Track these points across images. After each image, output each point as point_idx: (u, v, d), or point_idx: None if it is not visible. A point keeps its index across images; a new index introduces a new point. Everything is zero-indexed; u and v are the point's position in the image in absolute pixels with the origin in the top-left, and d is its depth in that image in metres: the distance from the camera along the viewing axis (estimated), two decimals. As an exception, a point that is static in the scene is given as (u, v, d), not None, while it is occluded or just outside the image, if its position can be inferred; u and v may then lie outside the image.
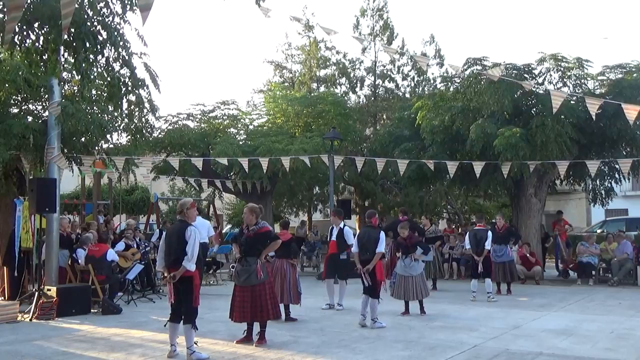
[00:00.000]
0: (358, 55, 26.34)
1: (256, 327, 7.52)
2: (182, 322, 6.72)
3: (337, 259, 10.37)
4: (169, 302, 6.81)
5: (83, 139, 11.81)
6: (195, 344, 6.71)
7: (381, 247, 8.65)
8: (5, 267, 11.13)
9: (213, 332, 8.19)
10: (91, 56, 7.61)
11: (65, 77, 11.31)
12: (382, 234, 8.80)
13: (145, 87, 9.58)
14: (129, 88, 8.98)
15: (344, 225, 10.64)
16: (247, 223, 7.52)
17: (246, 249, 7.45)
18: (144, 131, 12.09)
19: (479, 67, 15.12)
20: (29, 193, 10.39)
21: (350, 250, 10.51)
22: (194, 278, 6.72)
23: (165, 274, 6.86)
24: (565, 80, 15.28)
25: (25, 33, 7.32)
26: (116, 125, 11.82)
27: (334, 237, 10.45)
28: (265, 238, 7.54)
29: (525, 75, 15.41)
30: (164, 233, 7.37)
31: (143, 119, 11.69)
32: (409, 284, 9.56)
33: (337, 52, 26.40)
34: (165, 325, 6.88)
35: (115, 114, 11.54)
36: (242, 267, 7.42)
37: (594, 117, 11.13)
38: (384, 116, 25.76)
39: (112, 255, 11.06)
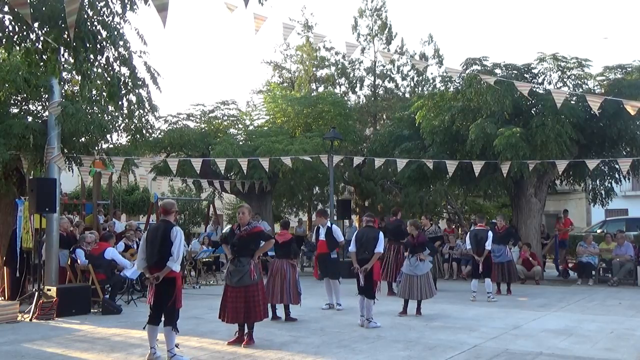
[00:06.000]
0: (357, 55, 26.38)
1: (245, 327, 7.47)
2: (162, 324, 6.56)
3: (327, 258, 10.37)
4: (147, 303, 6.66)
5: (83, 139, 11.80)
6: (177, 346, 6.58)
7: (380, 247, 8.66)
8: (5, 267, 11.14)
9: (213, 332, 8.19)
10: (91, 56, 7.60)
11: (65, 77, 11.30)
12: (381, 234, 8.83)
13: (145, 87, 9.57)
14: (129, 88, 8.98)
15: (332, 224, 10.65)
16: (241, 223, 7.48)
17: (239, 249, 7.41)
18: (143, 131, 12.08)
19: (479, 67, 15.13)
20: (29, 193, 10.38)
21: (340, 249, 10.64)
22: (177, 279, 6.60)
23: (147, 275, 6.69)
24: (565, 80, 15.29)
25: (25, 33, 7.32)
26: (116, 125, 11.82)
27: (322, 237, 10.44)
28: (258, 238, 7.53)
29: (525, 75, 15.42)
30: (144, 234, 7.10)
31: (143, 119, 11.69)
32: (414, 283, 9.57)
33: (336, 53, 26.44)
34: (144, 328, 6.71)
35: (116, 113, 11.54)
36: (235, 268, 7.37)
37: (597, 113, 11.13)
38: (384, 116, 25.75)
39: (110, 253, 10.98)
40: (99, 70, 8.28)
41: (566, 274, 15.58)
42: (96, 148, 12.42)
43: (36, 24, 7.19)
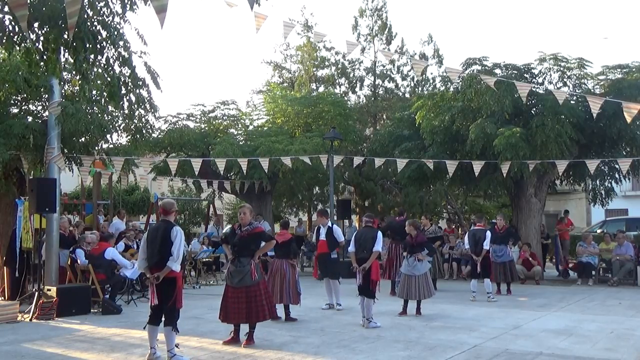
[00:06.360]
0: (357, 55, 26.40)
1: (244, 327, 7.45)
2: (162, 324, 6.52)
3: (327, 258, 10.37)
4: (150, 303, 6.62)
5: (83, 139, 11.80)
6: (177, 346, 6.55)
7: (378, 246, 8.66)
8: (5, 267, 11.14)
9: (213, 332, 8.19)
10: (91, 56, 7.60)
11: (65, 77, 11.31)
12: (380, 233, 8.83)
13: (145, 87, 9.58)
14: (129, 88, 8.98)
15: (333, 224, 10.65)
16: (243, 223, 7.48)
17: (239, 249, 7.41)
18: (143, 131, 12.08)
19: (479, 67, 15.12)
20: (29, 193, 10.39)
21: (340, 249, 10.57)
22: (177, 279, 6.57)
23: (147, 275, 6.67)
24: (565, 80, 15.29)
25: (25, 33, 7.32)
26: (116, 125, 11.82)
27: (322, 237, 10.43)
28: (259, 238, 7.52)
29: (525, 75, 15.42)
30: (145, 234, 7.07)
31: (143, 119, 11.69)
32: (412, 283, 9.57)
33: (336, 53, 26.45)
34: (144, 328, 6.70)
35: (116, 113, 11.55)
36: (236, 268, 7.36)
37: (594, 116, 11.14)
38: (384, 116, 25.76)
39: (110, 253, 10.98)
40: (99, 70, 8.28)
41: (566, 274, 15.57)
42: (96, 148, 12.42)
43: (36, 24, 7.20)
